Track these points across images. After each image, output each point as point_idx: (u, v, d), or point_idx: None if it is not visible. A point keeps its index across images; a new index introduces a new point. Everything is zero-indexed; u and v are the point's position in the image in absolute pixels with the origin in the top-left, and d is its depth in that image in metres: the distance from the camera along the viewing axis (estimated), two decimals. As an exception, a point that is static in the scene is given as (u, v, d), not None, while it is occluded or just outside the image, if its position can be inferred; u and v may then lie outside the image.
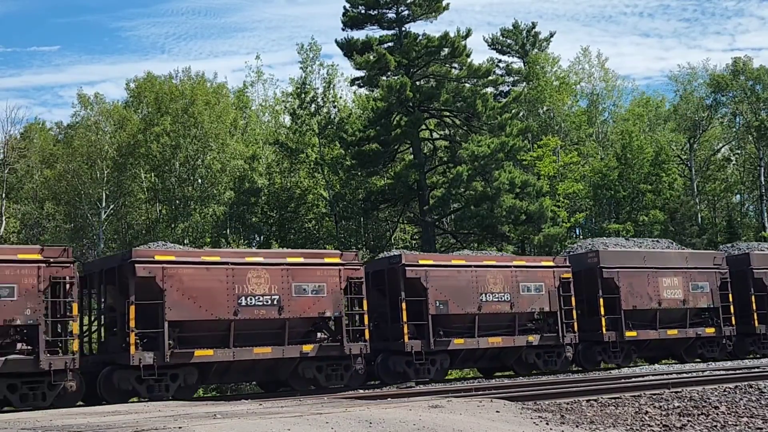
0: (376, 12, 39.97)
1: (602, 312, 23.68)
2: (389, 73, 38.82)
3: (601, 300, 23.67)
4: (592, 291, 23.89)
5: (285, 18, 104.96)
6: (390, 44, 39.35)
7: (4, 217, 40.18)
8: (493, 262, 22.49)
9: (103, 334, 19.06)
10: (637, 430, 10.47)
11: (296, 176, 43.52)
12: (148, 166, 42.82)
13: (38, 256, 16.22)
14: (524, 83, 51.30)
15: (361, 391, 17.93)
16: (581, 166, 46.66)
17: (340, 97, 47.50)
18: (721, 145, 56.97)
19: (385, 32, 40.06)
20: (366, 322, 20.01)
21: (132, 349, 16.96)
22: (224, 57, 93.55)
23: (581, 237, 47.86)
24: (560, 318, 22.83)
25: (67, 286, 16.53)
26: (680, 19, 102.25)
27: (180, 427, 9.07)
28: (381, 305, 21.15)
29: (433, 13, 39.83)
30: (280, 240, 39.72)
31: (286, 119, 48.38)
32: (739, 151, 55.99)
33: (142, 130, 43.05)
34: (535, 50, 53.12)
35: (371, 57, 37.93)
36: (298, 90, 44.06)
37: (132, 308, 17.10)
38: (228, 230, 42.17)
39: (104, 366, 17.54)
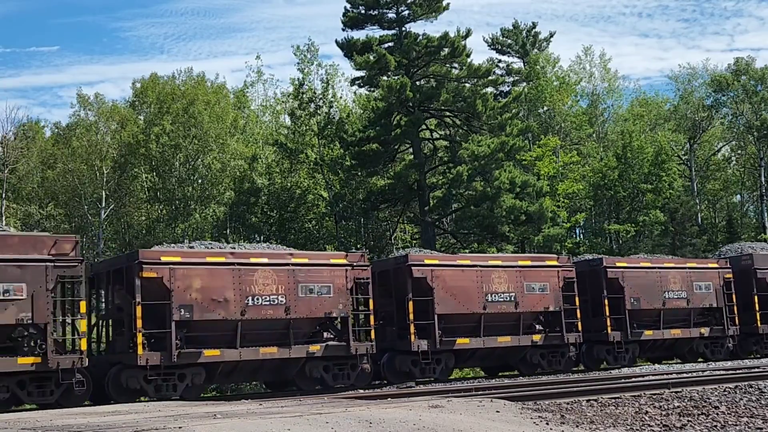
0: (376, 12, 39.95)
1: (756, 308, 26.90)
2: (389, 73, 38.80)
3: (756, 297, 26.93)
4: (746, 289, 26.96)
5: (284, 18, 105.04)
6: (390, 44, 39.32)
7: (4, 217, 40.18)
8: (673, 264, 26.00)
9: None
10: (637, 430, 10.47)
11: (296, 176, 43.52)
12: (149, 166, 42.83)
13: (345, 261, 19.77)
14: (524, 83, 51.29)
15: (361, 391, 17.99)
16: (581, 166, 46.65)
17: (341, 97, 47.53)
18: (721, 145, 57.01)
19: (385, 32, 40.05)
20: (578, 315, 23.25)
21: (412, 338, 20.40)
22: (223, 57, 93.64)
23: (581, 237, 47.92)
24: (725, 313, 26.14)
25: (365, 285, 19.91)
26: (679, 19, 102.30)
27: (180, 427, 9.07)
28: (582, 302, 23.95)
29: (433, 13, 39.82)
30: (280, 240, 39.73)
31: (287, 119, 48.40)
32: (739, 152, 56.03)
33: (143, 130, 43.08)
34: (535, 50, 53.10)
35: (371, 57, 37.92)
36: (297, 91, 44.07)
37: (411, 304, 20.46)
38: (228, 230, 42.19)
39: (384, 353, 20.70)
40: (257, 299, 18.25)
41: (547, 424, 10.67)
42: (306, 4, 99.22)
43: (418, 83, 39.12)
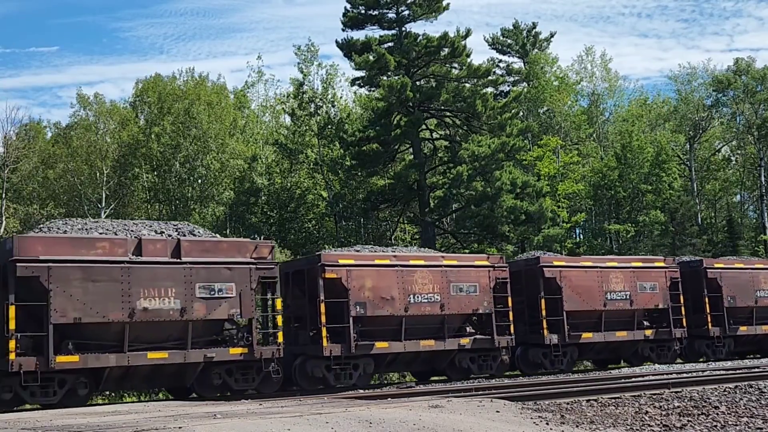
0: (376, 12, 39.94)
1: None
2: (389, 73, 38.79)
3: None
4: None
5: (283, 19, 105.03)
6: (390, 44, 39.29)
7: (4, 217, 40.18)
8: (763, 265, 28.19)
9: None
10: (637, 430, 10.47)
11: (296, 176, 43.51)
12: (149, 166, 42.84)
13: (487, 262, 21.87)
14: (524, 83, 51.27)
15: (361, 391, 18.00)
16: (581, 167, 46.62)
17: (341, 97, 47.50)
18: (721, 145, 56.98)
19: (385, 32, 40.03)
20: (683, 312, 25.30)
21: (545, 332, 22.71)
22: (223, 57, 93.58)
23: (581, 237, 47.90)
24: None
25: (503, 284, 21.98)
26: (678, 19, 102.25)
27: (180, 427, 9.07)
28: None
29: (433, 14, 39.81)
30: (279, 240, 39.71)
31: (287, 119, 48.41)
32: (739, 151, 56.01)
33: (143, 130, 43.10)
34: (536, 50, 53.07)
35: (371, 57, 37.90)
36: (297, 90, 44.07)
37: (543, 301, 22.72)
38: (228, 230, 42.17)
39: (516, 346, 22.60)
40: (417, 297, 20.52)
41: (547, 424, 10.66)
42: (305, 5, 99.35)
43: (418, 83, 39.11)
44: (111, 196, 43.48)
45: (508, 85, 51.16)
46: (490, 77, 40.82)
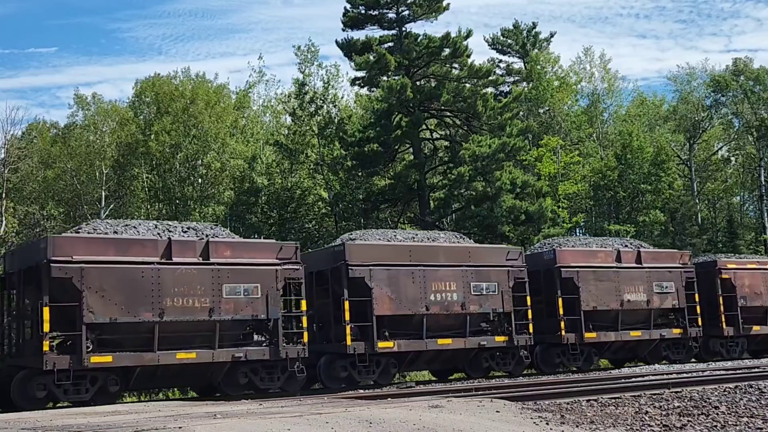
0: (376, 12, 39.92)
1: None
2: (389, 74, 38.77)
3: None
4: None
5: (281, 19, 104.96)
6: (390, 44, 39.30)
7: (3, 217, 40.17)
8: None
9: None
10: (637, 430, 10.47)
11: (296, 176, 43.51)
12: (149, 166, 42.82)
13: None
14: (524, 83, 51.24)
15: (361, 391, 17.99)
16: (582, 167, 46.60)
17: (342, 97, 47.50)
18: (720, 145, 56.99)
19: (385, 32, 40.04)
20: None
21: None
22: (221, 58, 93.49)
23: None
24: None
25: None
26: (676, 20, 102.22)
27: (180, 427, 9.07)
28: None
29: (434, 14, 39.80)
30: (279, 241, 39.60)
31: (287, 119, 48.42)
32: (738, 152, 56.02)
33: (142, 130, 43.09)
34: (536, 50, 53.07)
35: (371, 57, 37.89)
36: (298, 91, 44.06)
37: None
38: (228, 230, 42.14)
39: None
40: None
41: (547, 424, 10.66)
42: (303, 6, 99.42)
43: (418, 83, 39.09)
44: (111, 196, 43.46)
45: (509, 85, 51.13)
46: (490, 77, 40.81)
